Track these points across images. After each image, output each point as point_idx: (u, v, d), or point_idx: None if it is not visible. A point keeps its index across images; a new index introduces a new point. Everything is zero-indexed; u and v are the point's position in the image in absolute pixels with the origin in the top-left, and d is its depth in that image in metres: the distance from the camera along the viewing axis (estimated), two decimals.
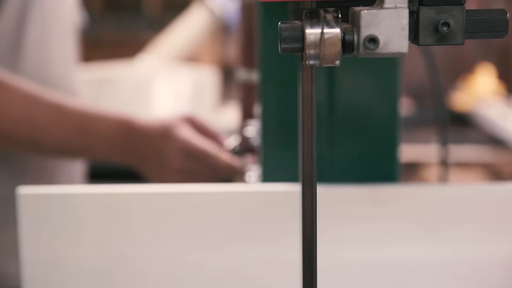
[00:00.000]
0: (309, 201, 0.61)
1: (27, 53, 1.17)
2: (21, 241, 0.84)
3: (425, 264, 0.84)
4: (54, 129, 1.05)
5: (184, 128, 1.06)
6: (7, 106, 1.04)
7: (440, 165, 1.05)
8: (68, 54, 1.27)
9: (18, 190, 0.84)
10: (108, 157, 1.08)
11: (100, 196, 0.84)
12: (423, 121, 3.04)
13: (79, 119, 1.05)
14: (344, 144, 0.88)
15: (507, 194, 0.84)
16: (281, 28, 0.56)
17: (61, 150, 1.07)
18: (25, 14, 1.16)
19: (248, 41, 1.17)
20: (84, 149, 1.06)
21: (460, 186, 0.85)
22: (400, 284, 0.84)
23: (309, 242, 0.62)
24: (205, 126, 1.10)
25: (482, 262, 0.84)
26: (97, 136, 1.05)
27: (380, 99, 0.88)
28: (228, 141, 1.12)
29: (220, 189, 0.85)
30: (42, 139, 1.05)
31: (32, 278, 0.84)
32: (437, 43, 0.57)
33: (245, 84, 1.21)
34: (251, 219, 0.84)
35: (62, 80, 1.23)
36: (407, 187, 0.85)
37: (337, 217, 0.84)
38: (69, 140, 1.05)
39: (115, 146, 1.05)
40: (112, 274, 0.84)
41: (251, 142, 1.14)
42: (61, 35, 1.24)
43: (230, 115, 2.19)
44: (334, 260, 0.84)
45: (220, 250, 0.84)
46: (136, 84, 2.31)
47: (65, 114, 1.05)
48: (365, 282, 0.84)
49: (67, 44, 1.26)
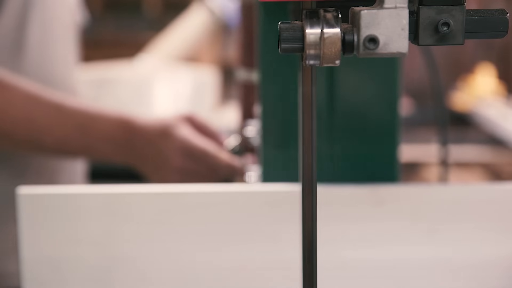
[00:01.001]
0: (309, 201, 0.61)
1: (28, 53, 1.17)
2: (21, 241, 0.84)
3: (425, 264, 0.84)
4: (54, 129, 1.05)
5: (184, 127, 1.06)
6: (7, 105, 1.04)
7: (440, 165, 1.05)
8: (69, 54, 1.27)
9: (18, 190, 0.84)
10: (108, 157, 1.08)
11: (100, 196, 0.84)
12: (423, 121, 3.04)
13: (79, 118, 1.05)
14: (344, 144, 0.88)
15: (507, 194, 0.84)
16: (281, 28, 0.56)
17: (61, 149, 1.06)
18: (25, 14, 1.17)
19: (248, 41, 1.17)
20: (84, 148, 1.06)
21: (460, 186, 0.85)
22: (400, 284, 0.84)
23: (309, 242, 0.62)
24: (205, 125, 1.10)
25: (482, 262, 0.84)
26: (97, 135, 1.05)
27: (380, 99, 0.88)
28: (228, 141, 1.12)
29: (220, 189, 0.85)
30: (42, 138, 1.05)
31: (32, 277, 0.84)
32: (437, 43, 0.57)
33: (245, 84, 1.21)
34: (251, 219, 0.84)
35: (63, 80, 1.23)
36: (407, 187, 0.85)
37: (337, 217, 0.84)
38: (69, 140, 1.05)
39: (115, 146, 1.05)
40: (112, 274, 0.84)
41: (251, 142, 1.14)
42: (62, 35, 1.24)
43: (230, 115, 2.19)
44: (334, 260, 0.84)
45: (220, 250, 0.84)
46: (136, 84, 2.31)
47: (65, 114, 1.05)
48: (365, 282, 0.84)
49: (67, 44, 1.26)
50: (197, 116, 1.10)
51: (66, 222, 0.84)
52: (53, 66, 1.21)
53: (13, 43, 1.15)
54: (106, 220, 0.84)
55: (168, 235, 0.84)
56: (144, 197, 0.84)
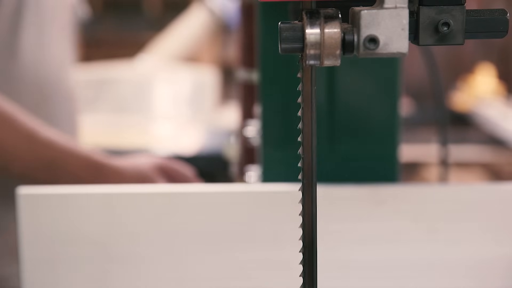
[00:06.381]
0: (309, 201, 0.61)
1: (23, 55, 1.16)
2: (21, 241, 0.84)
3: (425, 264, 0.84)
4: (22, 158, 1.01)
5: (160, 180, 1.03)
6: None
7: (440, 165, 1.05)
8: (65, 55, 1.26)
9: (18, 190, 0.84)
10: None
11: (100, 196, 0.84)
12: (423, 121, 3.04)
13: (49, 151, 1.01)
14: (344, 144, 0.88)
15: (507, 194, 0.84)
16: (281, 28, 0.56)
17: (27, 178, 1.02)
18: (19, 16, 1.15)
19: (248, 41, 1.17)
20: (50, 181, 1.01)
21: (460, 186, 0.85)
22: (400, 284, 0.84)
23: (309, 242, 0.62)
24: (180, 172, 1.06)
25: (482, 262, 0.84)
26: (64, 173, 1.01)
27: (380, 99, 0.88)
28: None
29: (220, 189, 0.85)
30: (8, 164, 1.02)
31: (32, 278, 0.84)
32: (437, 43, 0.57)
33: (245, 84, 1.21)
34: (251, 219, 0.84)
35: (59, 82, 1.22)
36: (407, 187, 0.85)
37: (337, 217, 0.84)
38: (35, 171, 1.01)
39: (81, 184, 1.01)
40: (112, 274, 0.84)
41: (251, 142, 1.14)
42: (58, 36, 1.23)
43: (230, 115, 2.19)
44: (334, 260, 0.84)
45: (220, 250, 0.84)
46: (136, 84, 2.31)
47: (36, 144, 1.00)
48: (365, 282, 0.84)
49: (64, 45, 1.25)
50: (171, 164, 1.06)
51: (66, 222, 0.84)
52: (48, 68, 1.20)
53: (7, 46, 1.14)
54: (106, 220, 0.84)
55: (168, 235, 0.84)
56: (144, 197, 0.84)
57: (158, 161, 1.06)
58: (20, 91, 1.16)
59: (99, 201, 0.84)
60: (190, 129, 2.30)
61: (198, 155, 2.04)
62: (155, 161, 1.05)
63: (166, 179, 1.04)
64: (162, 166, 1.05)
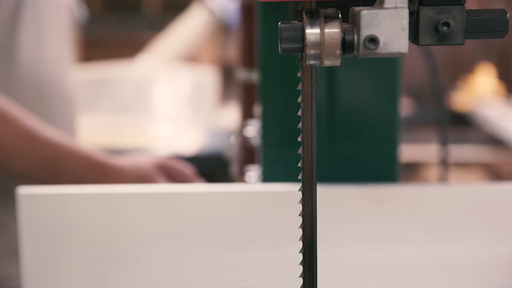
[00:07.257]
0: (309, 201, 0.61)
1: (20, 55, 1.16)
2: (21, 241, 0.84)
3: (425, 264, 0.84)
4: (23, 157, 1.01)
5: (160, 178, 1.03)
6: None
7: (440, 165, 1.05)
8: (64, 55, 1.26)
9: (18, 190, 0.84)
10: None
11: (100, 196, 0.84)
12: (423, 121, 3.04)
13: (50, 150, 1.01)
14: (344, 144, 0.88)
15: (507, 194, 0.84)
16: (281, 28, 0.56)
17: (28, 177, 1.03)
18: (18, 15, 1.15)
19: (248, 41, 1.17)
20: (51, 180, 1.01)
21: (460, 186, 0.85)
22: (400, 284, 0.84)
23: (309, 242, 0.62)
24: (179, 171, 1.06)
25: (482, 262, 0.84)
26: (64, 171, 1.01)
27: (380, 99, 0.88)
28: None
29: (220, 189, 0.85)
30: (9, 164, 1.02)
31: (32, 278, 0.84)
32: (437, 43, 0.57)
33: (245, 84, 1.21)
34: (251, 219, 0.84)
35: (56, 81, 1.22)
36: (407, 187, 0.85)
37: (337, 217, 0.84)
38: (36, 170, 1.01)
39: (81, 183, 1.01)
40: (112, 274, 0.84)
41: (251, 142, 1.14)
42: (57, 36, 1.23)
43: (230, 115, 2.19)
44: (334, 260, 0.84)
45: (220, 250, 0.84)
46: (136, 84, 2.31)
47: (36, 144, 1.00)
48: (365, 282, 0.84)
49: (62, 44, 1.25)
50: (171, 163, 1.06)
51: (66, 222, 0.84)
52: (46, 68, 1.20)
53: (4, 45, 1.14)
54: (106, 220, 0.84)
55: (168, 235, 0.84)
56: (144, 197, 0.84)
57: (158, 160, 1.06)
58: (18, 91, 1.16)
59: (99, 201, 0.84)
60: (190, 129, 2.30)
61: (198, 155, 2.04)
62: (155, 160, 1.06)
63: (166, 178, 1.04)
64: (162, 165, 1.05)
